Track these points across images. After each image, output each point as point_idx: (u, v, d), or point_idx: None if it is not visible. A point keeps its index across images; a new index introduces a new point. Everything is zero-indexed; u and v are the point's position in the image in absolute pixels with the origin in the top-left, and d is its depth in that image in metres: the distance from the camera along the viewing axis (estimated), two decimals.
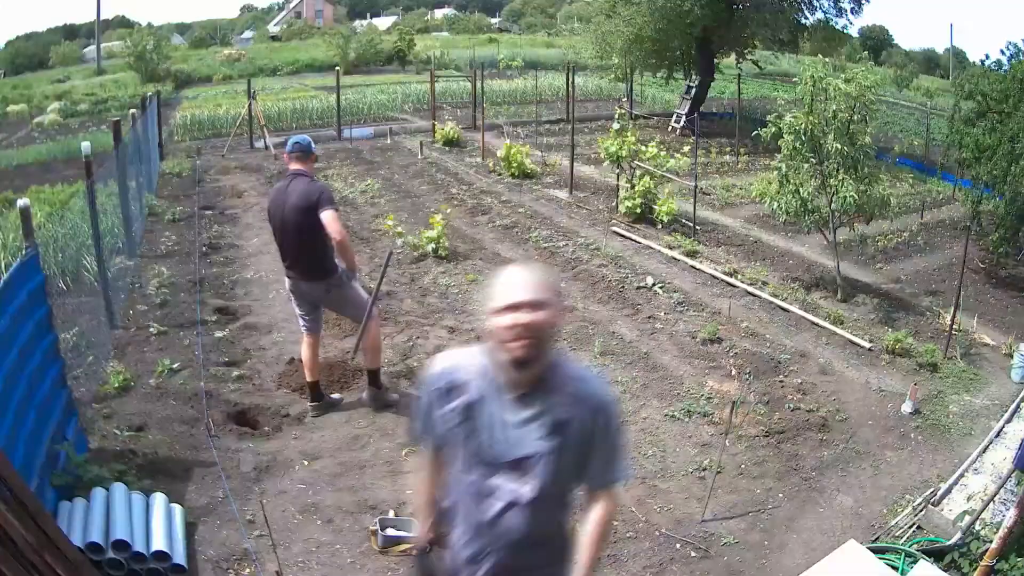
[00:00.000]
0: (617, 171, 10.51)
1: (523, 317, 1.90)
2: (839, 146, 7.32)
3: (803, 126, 7.46)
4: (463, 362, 2.10)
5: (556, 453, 2.01)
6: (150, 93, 16.13)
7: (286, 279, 5.08)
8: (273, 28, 62.98)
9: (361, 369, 5.47)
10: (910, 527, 4.29)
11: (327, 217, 4.60)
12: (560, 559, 2.20)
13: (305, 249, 4.80)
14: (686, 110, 17.22)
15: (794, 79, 12.21)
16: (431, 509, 2.30)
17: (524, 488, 2.03)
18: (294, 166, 4.85)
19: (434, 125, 16.08)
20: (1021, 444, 4.44)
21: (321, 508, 4.23)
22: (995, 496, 4.10)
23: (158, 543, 3.56)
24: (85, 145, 6.58)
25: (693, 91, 17.62)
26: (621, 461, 2.17)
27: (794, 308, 7.37)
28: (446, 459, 2.19)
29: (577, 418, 2.02)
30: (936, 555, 3.90)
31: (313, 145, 5.01)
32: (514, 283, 1.95)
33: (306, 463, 4.64)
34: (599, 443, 2.08)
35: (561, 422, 2.01)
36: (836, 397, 5.85)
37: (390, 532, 3.91)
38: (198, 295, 7.19)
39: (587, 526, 2.18)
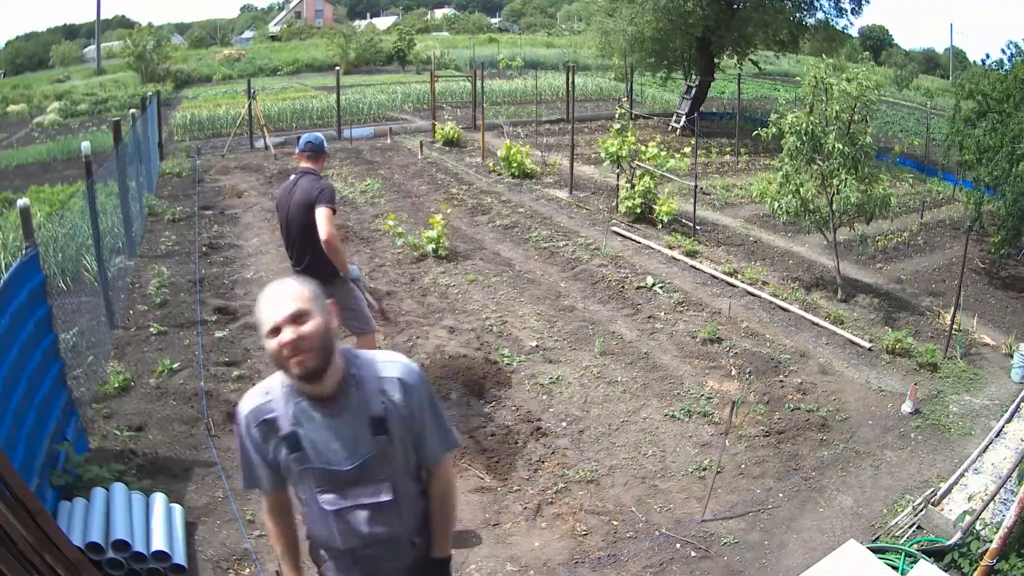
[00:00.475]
0: (617, 171, 10.51)
1: (288, 334, 1.84)
2: (840, 146, 7.32)
3: (804, 126, 7.46)
4: (266, 396, 2.02)
5: (388, 446, 2.00)
6: (150, 93, 16.14)
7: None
8: (273, 28, 63.04)
9: None
10: (910, 527, 4.29)
11: (319, 214, 4.46)
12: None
13: (308, 247, 4.75)
14: (686, 110, 17.24)
15: (796, 78, 12.21)
16: (294, 551, 2.28)
17: (379, 490, 2.02)
18: (303, 164, 4.81)
19: (434, 125, 16.09)
20: None
21: None
22: (995, 496, 4.10)
23: (158, 543, 3.56)
24: (85, 145, 6.58)
25: (693, 91, 17.63)
26: (448, 429, 2.15)
27: (794, 308, 7.38)
28: (291, 495, 2.18)
29: (391, 404, 2.00)
30: (936, 555, 3.90)
31: (326, 145, 4.95)
32: (271, 303, 1.88)
33: None
34: (420, 420, 2.06)
35: (379, 415, 1.98)
36: (836, 397, 5.85)
37: None
38: (198, 295, 7.20)
39: (433, 503, 2.19)
